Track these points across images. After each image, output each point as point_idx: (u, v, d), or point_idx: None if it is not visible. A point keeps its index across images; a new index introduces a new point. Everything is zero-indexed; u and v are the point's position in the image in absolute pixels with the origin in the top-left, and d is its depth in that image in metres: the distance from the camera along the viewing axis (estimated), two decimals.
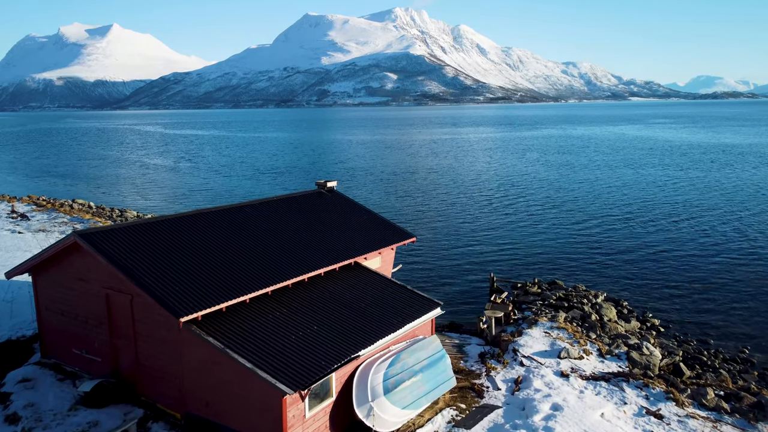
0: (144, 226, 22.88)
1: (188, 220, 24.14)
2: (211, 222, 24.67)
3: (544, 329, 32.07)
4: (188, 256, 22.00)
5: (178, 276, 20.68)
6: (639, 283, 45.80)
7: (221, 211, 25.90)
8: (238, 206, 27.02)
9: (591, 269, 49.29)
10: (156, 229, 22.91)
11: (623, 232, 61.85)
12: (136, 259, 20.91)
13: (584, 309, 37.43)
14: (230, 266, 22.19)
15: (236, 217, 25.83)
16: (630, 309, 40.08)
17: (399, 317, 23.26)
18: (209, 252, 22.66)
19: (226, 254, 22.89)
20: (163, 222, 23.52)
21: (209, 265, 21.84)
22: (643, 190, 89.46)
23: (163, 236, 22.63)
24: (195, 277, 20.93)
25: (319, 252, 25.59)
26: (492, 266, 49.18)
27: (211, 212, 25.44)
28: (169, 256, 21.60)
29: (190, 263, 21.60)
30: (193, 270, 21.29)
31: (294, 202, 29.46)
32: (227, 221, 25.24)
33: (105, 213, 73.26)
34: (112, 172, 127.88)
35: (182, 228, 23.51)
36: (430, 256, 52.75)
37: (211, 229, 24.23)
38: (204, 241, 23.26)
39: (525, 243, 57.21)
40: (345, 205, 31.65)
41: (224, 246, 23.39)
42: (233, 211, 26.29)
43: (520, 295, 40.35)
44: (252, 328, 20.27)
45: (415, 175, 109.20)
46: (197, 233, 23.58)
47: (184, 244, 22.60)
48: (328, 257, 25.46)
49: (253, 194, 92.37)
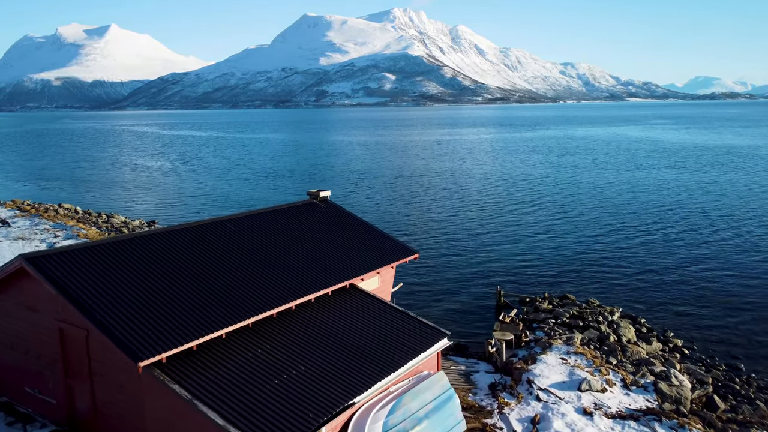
0: (103, 247, 19.71)
1: (157, 240, 20.98)
2: (184, 241, 21.51)
3: (560, 354, 28.99)
4: (155, 283, 18.87)
5: (140, 308, 17.56)
6: (655, 296, 42.77)
7: (197, 228, 22.75)
8: (218, 221, 23.88)
9: (603, 280, 46.25)
10: (117, 250, 19.75)
11: (634, 240, 58.80)
12: (92, 287, 17.78)
13: (601, 328, 34.38)
14: (205, 295, 19.07)
15: (214, 235, 22.69)
16: (649, 327, 37.04)
17: (401, 352, 20.16)
18: (180, 278, 19.53)
19: (201, 280, 19.76)
20: (126, 242, 20.34)
21: (179, 294, 18.72)
22: (654, 194, 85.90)
23: (125, 259, 19.49)
24: (161, 308, 17.82)
25: (310, 274, 22.49)
26: (498, 278, 46.12)
27: (184, 229, 22.27)
28: (131, 284, 18.46)
29: (156, 292, 18.48)
30: (160, 300, 18.18)
31: (282, 216, 26.33)
32: (204, 240, 22.09)
33: (91, 219, 70.03)
34: (103, 175, 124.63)
35: (149, 249, 20.36)
36: (431, 268, 49.65)
37: (184, 249, 21.07)
38: (174, 264, 20.11)
39: (531, 253, 54.10)
40: (340, 218, 28.55)
41: (198, 270, 20.25)
42: (211, 227, 23.15)
43: (530, 313, 37.28)
44: (227, 371, 17.16)
45: (415, 180, 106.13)
46: (167, 255, 20.43)
47: (151, 269, 19.46)
48: (320, 280, 22.37)
49: (248, 198, 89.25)
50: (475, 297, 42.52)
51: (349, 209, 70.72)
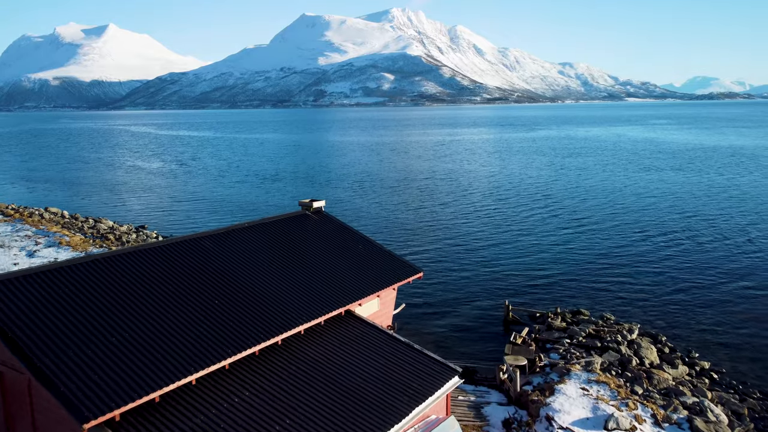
0: (50, 274, 16.70)
1: (117, 263, 17.98)
2: (150, 264, 18.51)
3: (580, 383, 26.06)
4: (112, 318, 15.89)
5: (92, 350, 14.59)
6: (674, 310, 39.84)
7: (167, 247, 19.75)
8: (193, 238, 20.88)
9: (617, 293, 43.30)
10: (68, 277, 16.76)
11: (648, 249, 55.85)
12: (34, 324, 14.81)
13: (621, 350, 31.46)
14: (172, 331, 16.09)
15: (187, 255, 19.69)
16: (671, 346, 34.13)
17: (406, 396, 17.21)
18: (142, 310, 16.54)
19: (167, 313, 16.78)
20: (79, 267, 17.34)
21: (140, 331, 15.74)
22: (667, 199, 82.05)
23: (77, 288, 16.50)
24: (118, 350, 14.85)
25: (299, 300, 19.53)
26: (505, 292, 43.17)
27: (151, 249, 19.26)
28: (82, 319, 15.49)
29: (113, 329, 15.51)
30: (117, 339, 15.20)
31: (269, 230, 23.34)
32: (174, 262, 19.09)
33: (76, 224, 66.97)
34: (95, 177, 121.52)
35: (107, 275, 17.36)
36: (434, 280, 46.69)
37: (149, 274, 18.07)
38: (136, 293, 17.13)
39: (540, 264, 51.07)
40: (335, 232, 25.57)
41: (165, 300, 17.26)
42: (184, 246, 20.15)
43: (543, 331, 34.33)
44: (198, 427, 14.18)
45: (415, 185, 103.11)
46: (128, 282, 17.44)
47: (108, 300, 16.47)
48: (311, 307, 19.41)
49: (242, 201, 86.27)
50: (482, 312, 39.56)
51: (346, 218, 67.48)
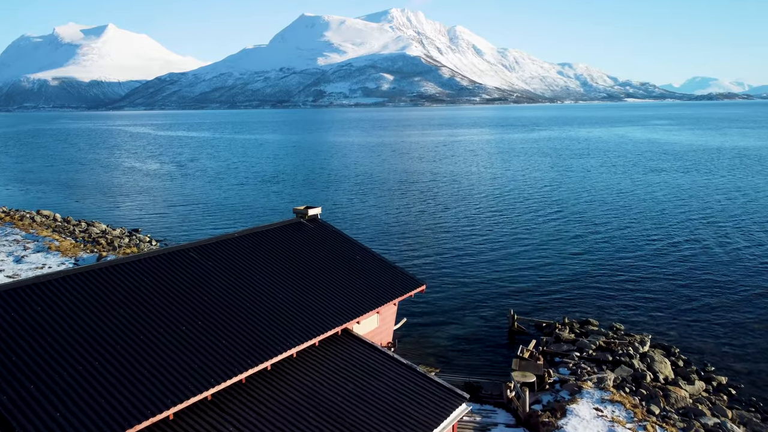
0: (17, 292, 15.05)
1: (89, 280, 16.33)
2: (128, 280, 16.86)
3: (593, 403, 24.46)
4: (80, 343, 14.25)
5: (55, 384, 12.95)
6: (686, 320, 38.24)
7: (151, 260, 18.12)
8: (179, 250, 19.25)
9: (626, 301, 41.71)
10: (30, 297, 15.09)
11: (658, 256, 54.21)
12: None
13: (633, 364, 29.88)
14: (148, 358, 14.47)
15: (171, 269, 18.06)
16: (685, 359, 32.56)
17: (408, 428, 15.57)
18: (115, 334, 14.91)
19: (142, 337, 15.15)
20: (44, 285, 15.68)
21: (112, 359, 14.11)
22: (677, 203, 79.37)
23: (38, 310, 14.84)
24: (82, 383, 13.21)
25: (292, 319, 17.92)
26: (509, 300, 41.54)
27: (134, 262, 17.64)
28: (47, 346, 13.84)
29: (80, 357, 13.87)
30: (85, 369, 13.57)
31: (260, 241, 21.72)
32: (156, 276, 17.46)
33: (68, 228, 65.27)
34: (90, 179, 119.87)
35: (76, 294, 15.72)
36: (436, 288, 45.06)
37: (126, 291, 16.43)
38: (108, 314, 15.49)
39: (545, 271, 49.36)
40: (331, 241, 23.95)
41: (141, 321, 15.63)
42: (169, 258, 18.52)
43: (551, 343, 32.72)
44: None
45: (415, 188, 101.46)
46: (100, 301, 15.80)
47: (72, 325, 14.82)
48: (305, 327, 17.80)
49: (239, 205, 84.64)
50: (485, 322, 37.94)
51: (344, 223, 65.67)
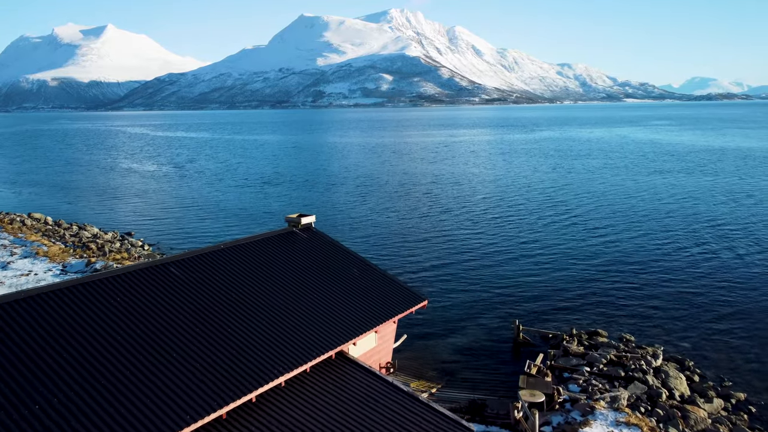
0: None
1: (56, 300, 14.60)
2: (98, 299, 15.13)
3: (607, 426, 22.77)
4: (32, 372, 12.53)
5: (9, 416, 11.25)
6: (699, 329, 36.54)
7: (127, 276, 16.41)
8: (158, 264, 17.54)
9: (634, 309, 40.00)
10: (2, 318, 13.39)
11: (668, 262, 52.41)
12: None
13: (647, 380, 28.20)
14: (115, 390, 12.74)
15: (148, 286, 16.34)
16: (701, 374, 30.90)
17: None
18: (79, 361, 13.19)
19: (111, 365, 13.42)
20: (15, 304, 13.96)
21: (76, 389, 12.39)
22: (686, 206, 76.50)
23: (7, 333, 13.14)
24: (38, 424, 11.50)
25: (280, 342, 16.21)
26: (514, 310, 39.80)
27: (104, 280, 15.91)
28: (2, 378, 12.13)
29: (35, 390, 12.16)
30: (40, 407, 11.85)
31: (248, 253, 20.01)
32: (131, 294, 15.73)
33: (58, 232, 63.51)
34: (86, 181, 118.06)
35: (39, 316, 13.98)
36: (436, 297, 43.34)
37: (95, 313, 14.70)
38: (73, 338, 13.76)
39: (550, 278, 47.38)
40: (326, 252, 22.24)
41: (111, 346, 13.90)
42: (145, 274, 16.81)
43: (559, 357, 31.02)
44: None
45: (414, 191, 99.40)
46: (65, 324, 14.07)
47: (30, 351, 13.11)
48: (296, 351, 16.10)
49: (236, 207, 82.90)
50: (488, 333, 36.22)
51: (341, 229, 63.58)
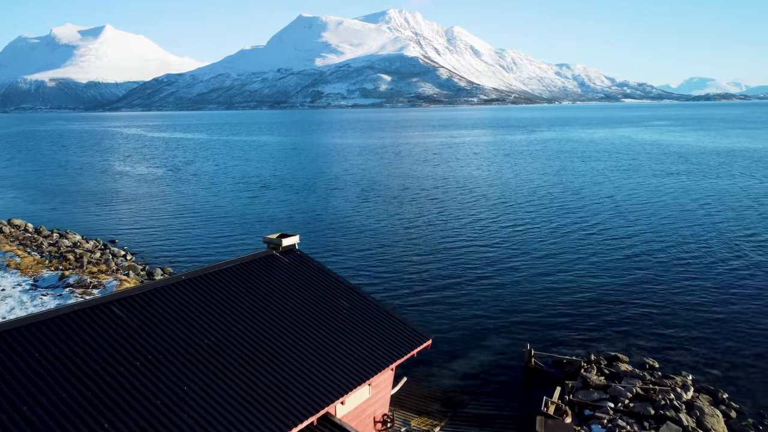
0: None
1: None
2: (13, 350, 11.63)
3: None
4: None
5: None
6: (727, 353, 33.09)
7: (60, 319, 12.90)
8: (98, 305, 14.02)
9: (653, 329, 36.54)
10: None
11: (687, 273, 48.99)
12: None
13: (680, 419, 24.75)
14: None
15: (81, 335, 12.84)
16: (736, 408, 27.47)
17: None
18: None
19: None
20: None
21: None
22: (699, 212, 71.88)
23: None
24: None
25: (248, 408, 12.72)
26: (523, 332, 36.27)
27: (33, 324, 12.40)
28: None
29: None
30: None
31: (217, 284, 16.51)
32: (56, 345, 12.22)
33: (37, 240, 59.93)
34: (75, 184, 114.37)
35: None
36: (438, 319, 39.88)
37: (8, 371, 11.20)
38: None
39: (562, 297, 43.32)
40: (311, 282, 18.74)
41: (26, 414, 10.43)
42: (84, 315, 13.30)
43: (578, 389, 27.57)
44: None
45: (413, 197, 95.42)
46: None
47: None
48: (267, 419, 12.59)
49: (229, 213, 79.39)
50: (497, 358, 32.75)
51: (333, 244, 59.00)
